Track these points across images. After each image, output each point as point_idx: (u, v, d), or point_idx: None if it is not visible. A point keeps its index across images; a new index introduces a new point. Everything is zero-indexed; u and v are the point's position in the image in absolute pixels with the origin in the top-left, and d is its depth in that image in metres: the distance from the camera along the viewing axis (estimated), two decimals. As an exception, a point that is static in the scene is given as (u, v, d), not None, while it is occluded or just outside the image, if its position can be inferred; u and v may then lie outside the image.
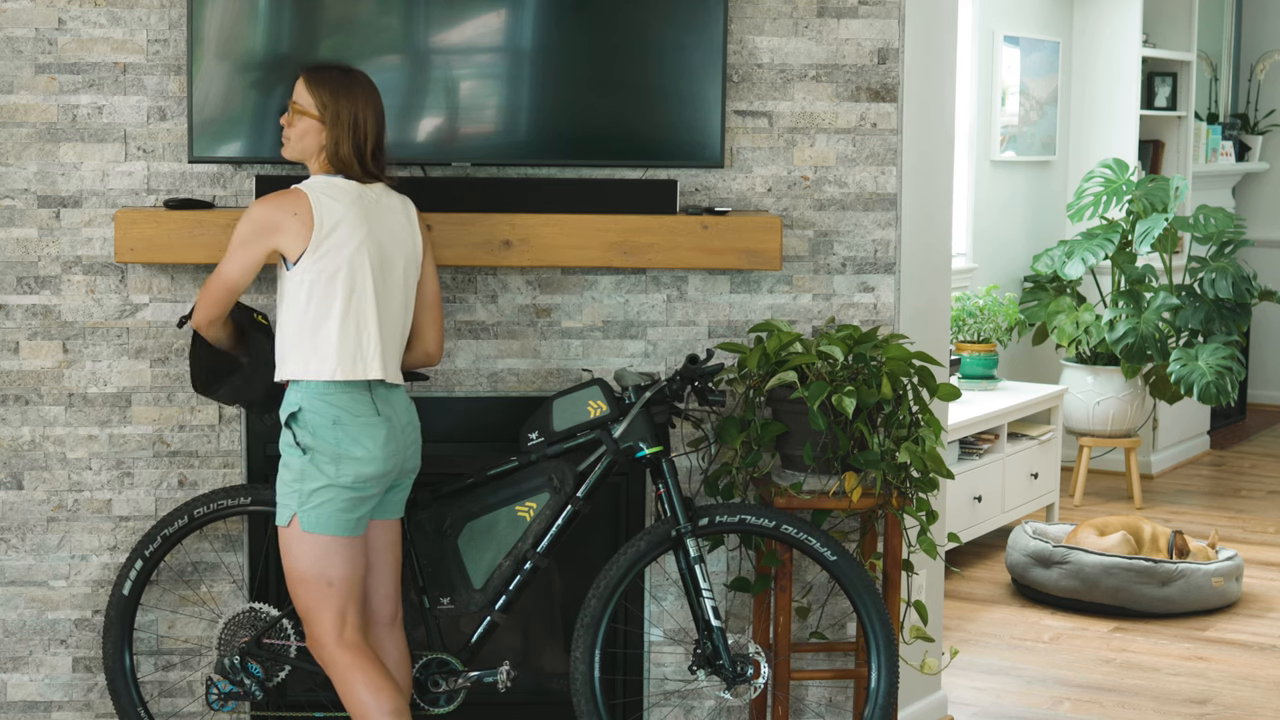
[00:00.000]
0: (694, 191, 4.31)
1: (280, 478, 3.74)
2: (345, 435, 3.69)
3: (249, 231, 3.72)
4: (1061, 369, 8.01)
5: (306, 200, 3.70)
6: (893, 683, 3.97)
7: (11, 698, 4.29)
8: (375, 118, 3.78)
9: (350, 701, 3.74)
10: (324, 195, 3.72)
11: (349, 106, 3.74)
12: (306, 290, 3.70)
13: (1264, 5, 10.14)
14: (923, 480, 4.10)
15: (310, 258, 3.69)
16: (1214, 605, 6.22)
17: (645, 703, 4.40)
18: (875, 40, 4.32)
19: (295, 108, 3.78)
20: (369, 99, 3.78)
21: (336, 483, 3.68)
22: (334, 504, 3.69)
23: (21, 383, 4.22)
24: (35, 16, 4.14)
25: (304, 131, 3.77)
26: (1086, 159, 8.51)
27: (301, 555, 3.71)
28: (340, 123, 3.74)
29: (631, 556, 3.95)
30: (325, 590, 3.72)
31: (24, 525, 4.25)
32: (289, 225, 3.69)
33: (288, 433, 3.72)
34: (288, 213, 3.70)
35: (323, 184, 3.75)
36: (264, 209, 3.72)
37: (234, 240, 3.74)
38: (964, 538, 6.49)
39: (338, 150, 3.75)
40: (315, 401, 3.69)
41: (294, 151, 3.81)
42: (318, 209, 3.69)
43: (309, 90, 3.76)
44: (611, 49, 4.21)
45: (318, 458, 3.68)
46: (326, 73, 3.78)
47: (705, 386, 3.99)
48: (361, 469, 3.70)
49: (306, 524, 3.69)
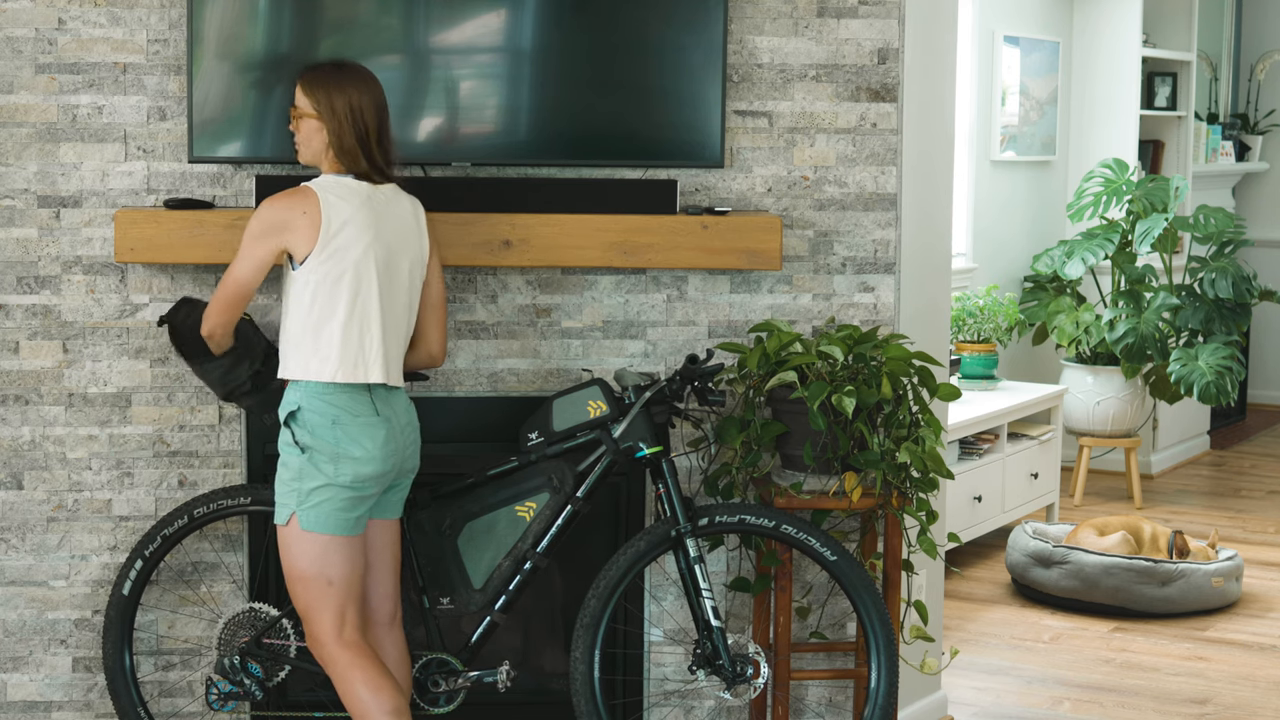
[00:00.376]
0: (694, 191, 4.31)
1: (279, 477, 3.74)
2: (344, 435, 3.69)
3: (259, 230, 3.72)
4: (1061, 369, 8.01)
5: (316, 199, 3.70)
6: (892, 682, 3.97)
7: (11, 698, 4.29)
8: (374, 107, 3.77)
9: (350, 701, 3.74)
10: (333, 195, 3.72)
11: (342, 97, 3.74)
12: (311, 291, 3.70)
13: (1264, 5, 10.14)
14: (923, 480, 4.10)
15: (316, 259, 3.69)
16: (1214, 605, 6.22)
17: (645, 703, 4.40)
18: (875, 40, 4.32)
19: (295, 112, 3.79)
20: (364, 88, 3.77)
21: (335, 482, 3.68)
22: (333, 503, 3.69)
23: (21, 383, 4.22)
24: (35, 16, 4.14)
25: (309, 133, 3.77)
26: (1086, 159, 8.51)
27: (300, 554, 3.71)
28: (337, 115, 3.74)
29: (631, 557, 3.95)
30: (325, 589, 3.72)
31: (24, 525, 4.26)
32: (298, 224, 3.69)
33: (286, 432, 3.72)
34: (297, 212, 3.69)
35: (332, 183, 3.75)
36: (273, 208, 3.72)
37: (244, 240, 3.74)
38: (964, 538, 6.48)
39: (341, 143, 3.75)
40: (315, 401, 3.69)
41: (306, 155, 3.82)
42: (326, 209, 3.69)
43: (304, 91, 3.77)
44: (611, 49, 4.21)
45: (316, 457, 3.69)
46: (318, 70, 3.80)
47: (705, 386, 3.99)
48: (360, 469, 3.70)
49: (305, 523, 3.69)
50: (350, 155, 3.76)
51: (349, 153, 3.75)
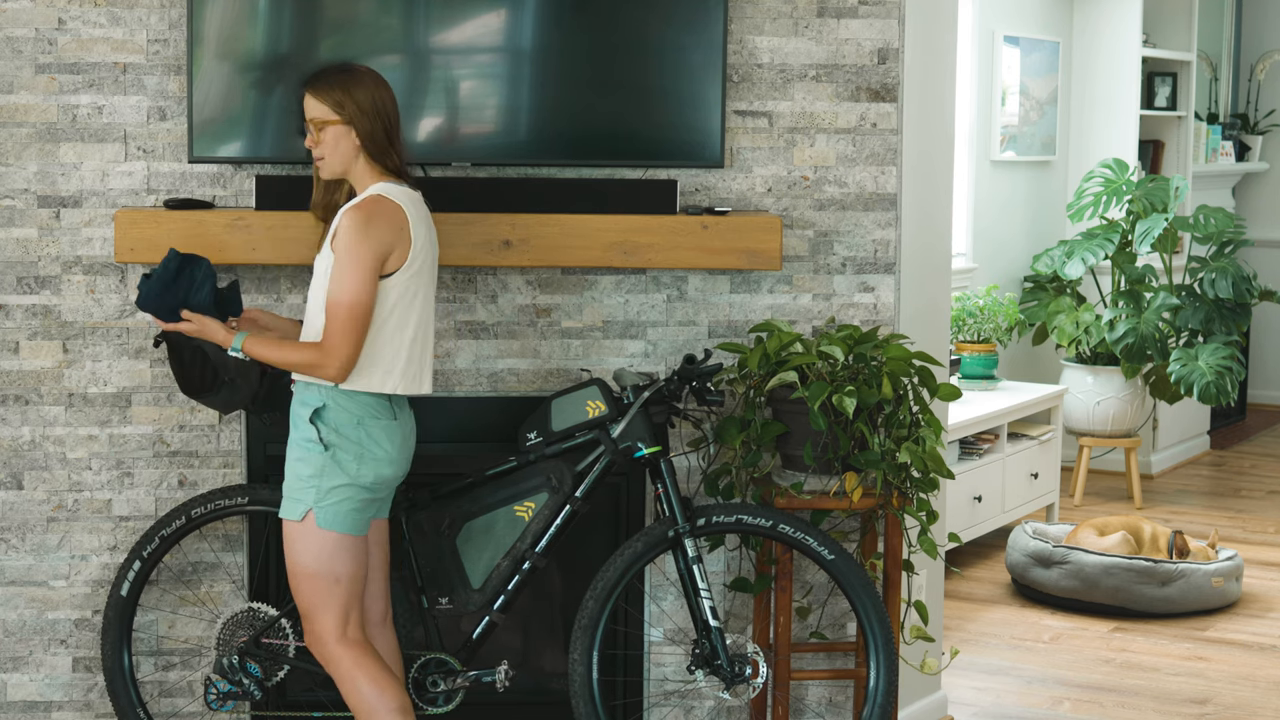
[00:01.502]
0: (694, 191, 4.31)
1: (294, 473, 3.72)
2: (367, 435, 3.69)
3: (373, 254, 3.59)
4: (1061, 369, 8.01)
5: (405, 215, 3.66)
6: (891, 682, 3.97)
7: (11, 698, 4.29)
8: (392, 100, 3.73)
9: (354, 699, 3.73)
10: (411, 208, 3.68)
11: (363, 94, 3.68)
12: (390, 306, 3.66)
13: (1264, 5, 10.14)
14: (923, 480, 4.10)
15: (404, 274, 3.67)
16: (1214, 605, 6.22)
17: (645, 703, 4.40)
18: (875, 40, 4.32)
19: (314, 122, 3.69)
20: (379, 83, 3.72)
21: (356, 482, 3.68)
22: (351, 502, 3.69)
23: (21, 383, 4.22)
24: (35, 16, 4.14)
25: (334, 141, 3.68)
26: (1086, 159, 8.51)
27: (311, 551, 3.70)
28: (364, 112, 3.67)
29: (629, 557, 3.95)
30: (332, 587, 3.71)
31: (24, 525, 4.26)
32: (399, 242, 3.64)
33: (310, 429, 3.68)
34: (396, 228, 3.63)
35: (402, 195, 3.69)
36: (380, 230, 3.61)
37: (350, 262, 3.58)
38: (964, 538, 6.48)
39: (374, 141, 3.68)
40: (340, 401, 3.68)
41: (331, 167, 3.71)
42: (413, 225, 3.67)
43: (319, 98, 3.68)
44: (611, 49, 4.21)
45: (340, 455, 3.67)
46: (327, 74, 3.72)
47: (703, 386, 3.99)
48: (381, 470, 3.70)
49: (322, 521, 3.68)
50: (383, 152, 3.69)
51: (382, 150, 3.69)
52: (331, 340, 3.61)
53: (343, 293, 3.59)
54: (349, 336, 3.60)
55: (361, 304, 3.59)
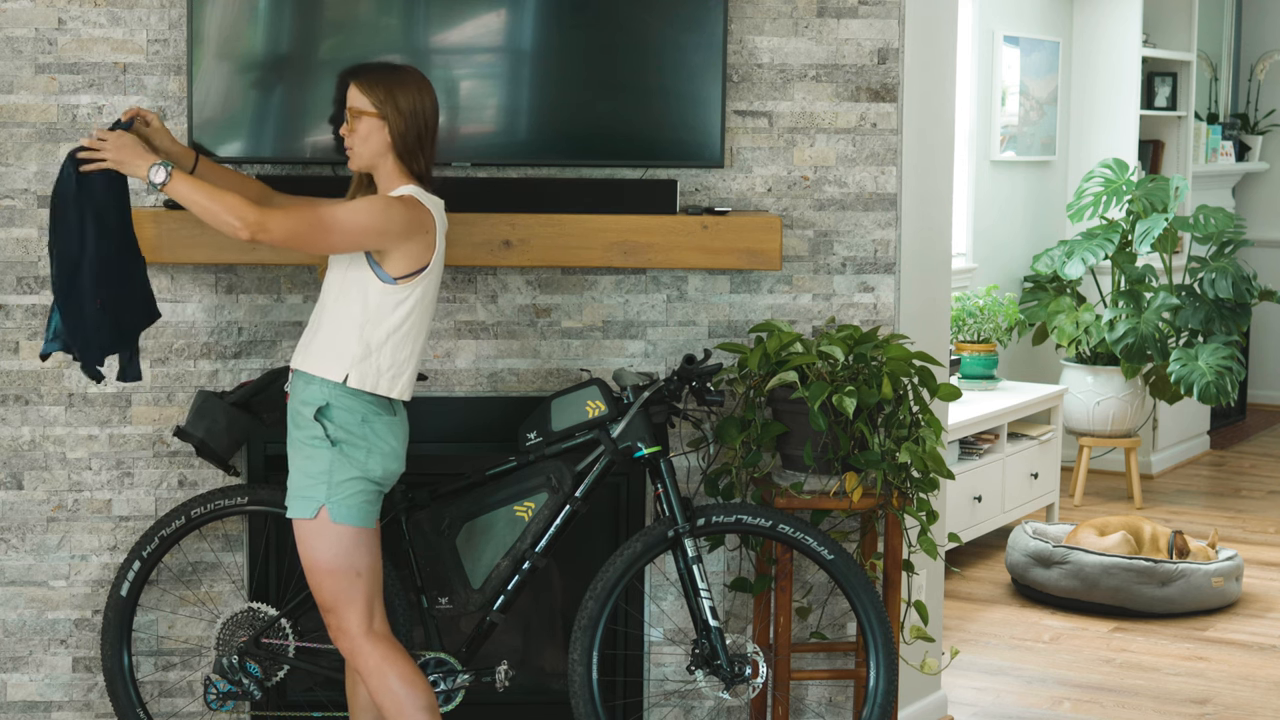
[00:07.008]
0: (694, 191, 4.31)
1: (302, 471, 3.71)
2: (373, 431, 3.70)
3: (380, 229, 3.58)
4: (1061, 369, 8.01)
5: (433, 220, 3.68)
6: (891, 682, 3.97)
7: (11, 698, 4.29)
8: (433, 108, 3.74)
9: (383, 695, 3.72)
10: (437, 214, 3.71)
11: (405, 95, 3.69)
12: (406, 310, 3.68)
13: (1264, 5, 10.14)
14: (923, 480, 4.10)
15: (426, 279, 3.69)
16: (1214, 605, 6.22)
17: (645, 703, 4.40)
18: (875, 40, 4.32)
19: (352, 111, 3.70)
20: (425, 88, 3.73)
21: (367, 475, 3.68)
22: (363, 495, 3.70)
23: (21, 383, 4.22)
24: (35, 16, 4.14)
25: (367, 133, 3.70)
26: (1086, 159, 8.51)
27: (328, 547, 3.69)
28: (401, 112, 3.68)
29: (629, 557, 3.95)
30: (354, 581, 3.71)
31: (24, 525, 4.26)
32: (415, 246, 3.65)
33: (315, 426, 3.68)
34: (420, 232, 3.65)
35: (433, 203, 3.72)
36: (409, 212, 3.62)
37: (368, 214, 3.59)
38: (964, 538, 6.49)
39: (405, 142, 3.69)
40: (344, 399, 3.68)
41: (362, 159, 3.73)
42: (439, 231, 3.70)
43: (363, 90, 3.69)
44: (611, 49, 4.21)
45: (349, 449, 3.67)
46: (375, 69, 3.75)
47: (703, 387, 3.99)
48: (388, 464, 3.72)
49: (336, 515, 3.68)
50: (412, 155, 3.71)
51: (411, 152, 3.71)
52: (283, 220, 3.57)
53: (338, 213, 3.58)
54: (297, 233, 3.57)
55: (339, 230, 3.57)
